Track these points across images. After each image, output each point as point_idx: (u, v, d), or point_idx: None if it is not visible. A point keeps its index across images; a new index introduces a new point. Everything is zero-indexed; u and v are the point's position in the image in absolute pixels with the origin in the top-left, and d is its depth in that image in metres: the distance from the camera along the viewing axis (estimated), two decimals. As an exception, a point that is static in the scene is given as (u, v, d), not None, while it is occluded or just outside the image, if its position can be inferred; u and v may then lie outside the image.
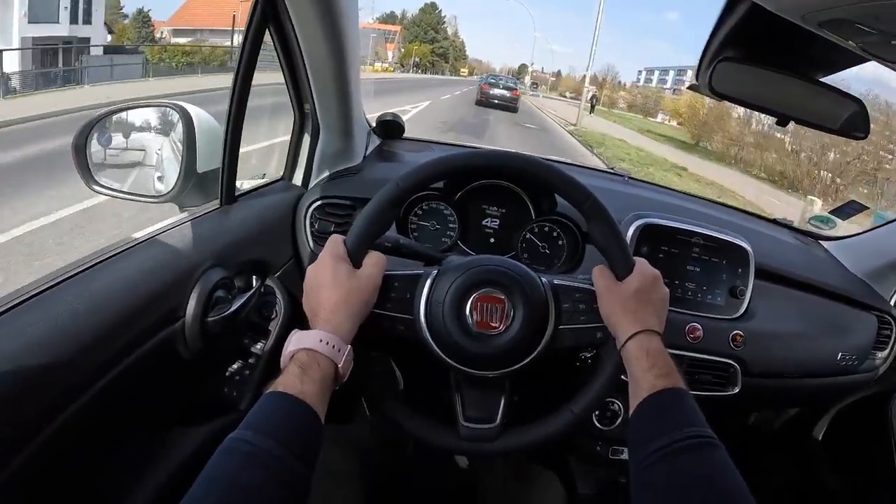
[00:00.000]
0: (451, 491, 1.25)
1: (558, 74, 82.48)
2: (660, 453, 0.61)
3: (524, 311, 0.77)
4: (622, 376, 0.76)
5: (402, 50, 63.82)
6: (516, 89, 22.52)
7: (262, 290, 1.01)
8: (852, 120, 0.96)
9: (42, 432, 0.58)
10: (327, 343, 0.66)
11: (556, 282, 0.81)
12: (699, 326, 1.10)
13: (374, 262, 0.76)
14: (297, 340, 0.67)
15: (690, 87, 1.11)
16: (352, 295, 0.72)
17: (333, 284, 0.72)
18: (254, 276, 1.00)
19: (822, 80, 0.97)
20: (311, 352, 0.66)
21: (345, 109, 1.11)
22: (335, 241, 0.77)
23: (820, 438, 1.45)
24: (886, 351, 1.31)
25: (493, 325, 0.76)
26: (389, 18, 68.76)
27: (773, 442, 1.56)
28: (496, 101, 20.91)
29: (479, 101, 21.08)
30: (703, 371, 1.11)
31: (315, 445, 0.61)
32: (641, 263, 0.80)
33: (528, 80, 63.07)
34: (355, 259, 0.75)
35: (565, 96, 56.20)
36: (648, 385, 0.69)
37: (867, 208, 1.61)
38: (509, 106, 21.05)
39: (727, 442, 0.63)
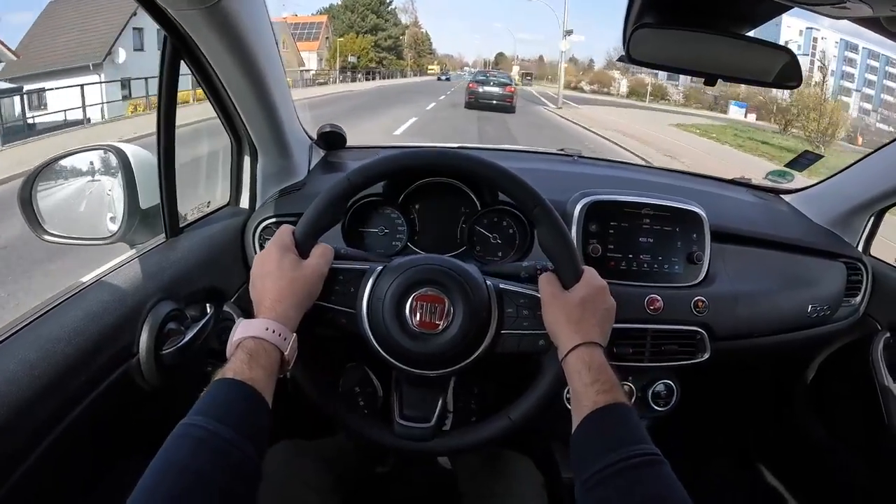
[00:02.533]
0: (434, 492, 1.26)
1: (540, 59, 75.74)
2: (604, 473, 0.61)
3: (464, 311, 0.77)
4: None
5: (330, 48, 44.27)
6: (511, 84, 19.89)
7: (220, 316, 1.03)
8: (785, 70, 0.95)
9: (8, 479, 0.61)
10: (273, 331, 0.68)
11: (501, 286, 0.81)
12: (658, 297, 1.09)
13: (321, 253, 0.78)
14: (243, 329, 0.69)
15: (619, 60, 1.10)
16: (296, 284, 0.74)
17: (278, 273, 0.73)
18: (207, 304, 1.00)
19: (749, 34, 0.96)
20: (258, 339, 0.67)
21: (276, 128, 1.11)
22: (283, 231, 0.78)
23: (806, 391, 1.44)
24: (859, 296, 1.29)
25: (434, 324, 0.77)
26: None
27: (760, 399, 1.55)
28: (490, 102, 18.26)
29: (468, 102, 18.44)
30: (669, 341, 1.11)
31: (264, 430, 0.62)
32: (590, 273, 0.79)
33: (515, 70, 58.81)
34: (302, 249, 0.77)
35: (583, 89, 50.25)
36: (590, 401, 0.68)
37: (822, 157, 1.58)
38: (504, 106, 18.39)
39: (716, 402, 0.62)
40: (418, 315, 0.77)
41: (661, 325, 1.10)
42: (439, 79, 44.19)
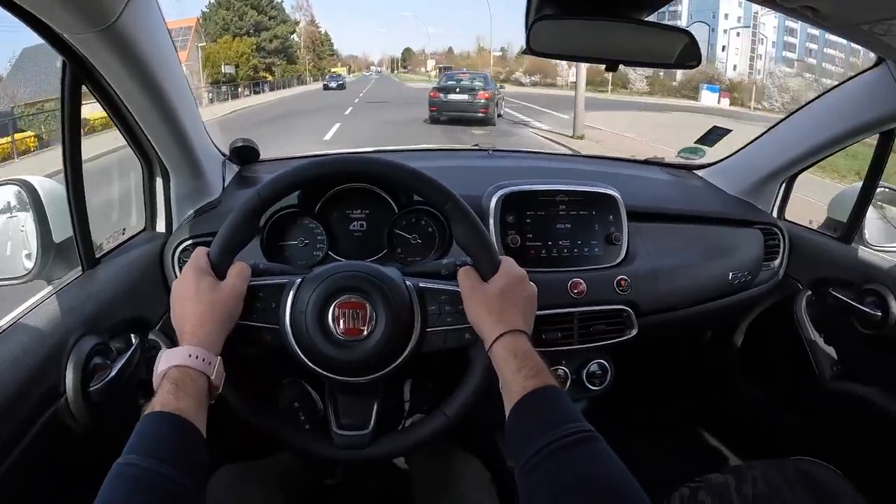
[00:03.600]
0: (386, 496, 1.27)
1: (449, 52, 66.00)
2: (539, 456, 0.61)
3: (387, 315, 0.78)
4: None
5: (201, 56, 32.92)
6: (484, 88, 14.47)
7: (146, 345, 1.01)
8: (685, 52, 0.98)
9: None
10: (197, 357, 0.67)
11: (421, 284, 0.82)
12: (581, 280, 1.12)
13: (238, 272, 0.77)
14: (166, 358, 0.68)
15: (523, 53, 1.12)
16: (216, 307, 0.73)
17: (197, 298, 0.73)
18: (132, 335, 0.99)
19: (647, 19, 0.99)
20: (182, 368, 0.66)
21: (185, 147, 1.10)
22: (198, 254, 0.78)
23: (737, 355, 1.50)
24: (778, 259, 1.35)
25: (358, 331, 0.77)
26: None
27: (695, 367, 1.61)
28: (458, 115, 13.60)
29: (431, 117, 14.14)
30: (596, 322, 1.14)
31: (200, 460, 0.62)
32: (507, 263, 0.80)
33: (430, 65, 54.87)
34: (219, 271, 0.77)
35: (520, 82, 43.28)
36: (519, 388, 0.68)
37: (730, 131, 1.64)
38: (478, 118, 13.81)
39: (652, 374, 0.63)
40: (341, 323, 0.77)
41: (586, 307, 1.13)
42: (327, 87, 30.83)
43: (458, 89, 14.44)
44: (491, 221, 1.12)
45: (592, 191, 1.17)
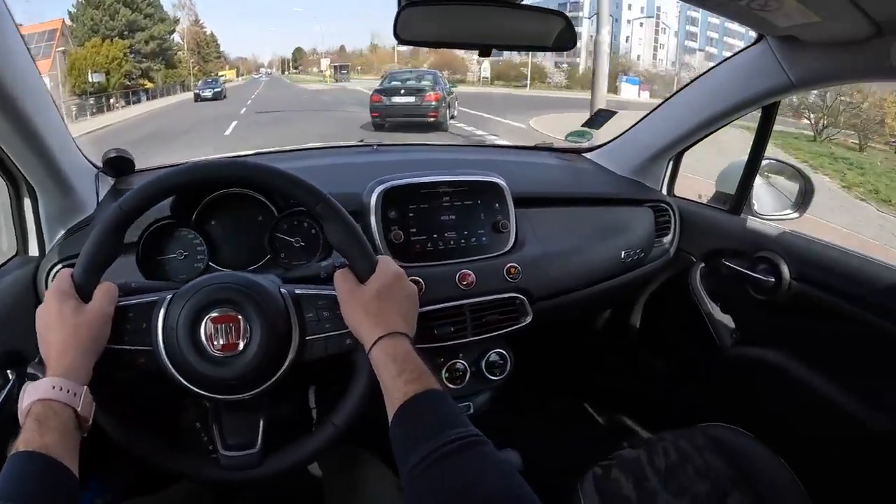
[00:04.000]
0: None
1: (342, 50, 61.56)
2: (424, 463, 0.58)
3: (262, 326, 0.74)
4: None
5: (66, 63, 27.55)
6: (432, 90, 12.67)
7: (26, 379, 0.94)
8: (561, 35, 0.98)
9: None
10: (60, 388, 0.63)
11: (297, 291, 0.79)
12: (470, 272, 1.11)
13: (104, 293, 0.72)
14: (29, 393, 0.63)
15: (400, 43, 1.11)
16: (80, 332, 0.68)
17: (59, 324, 0.68)
18: (8, 371, 0.92)
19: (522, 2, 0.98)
20: (46, 401, 0.62)
21: (50, 161, 1.02)
22: (61, 277, 0.73)
23: (637, 331, 1.53)
24: (670, 235, 1.39)
25: (233, 345, 0.73)
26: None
27: (601, 347, 1.63)
28: (404, 119, 12.13)
29: (375, 123, 12.65)
30: (489, 312, 1.13)
31: (70, 497, 0.58)
32: (384, 262, 0.78)
33: (325, 64, 49.63)
34: (83, 293, 0.71)
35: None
36: (400, 393, 0.66)
37: (615, 113, 1.69)
38: (426, 122, 12.09)
39: (555, 356, 0.61)
40: (215, 338, 0.73)
41: (477, 297, 1.12)
42: (199, 97, 23.40)
43: (402, 91, 12.74)
44: (372, 218, 1.09)
45: (476, 180, 1.16)
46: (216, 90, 23.78)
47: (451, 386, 1.16)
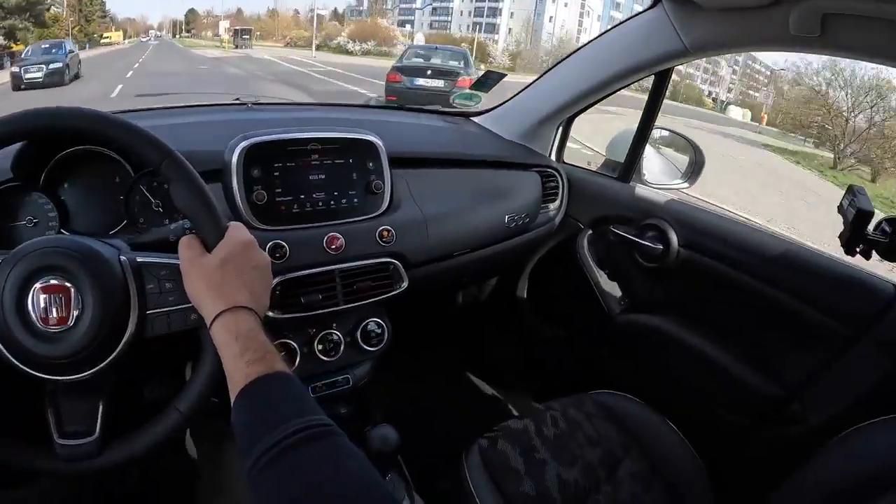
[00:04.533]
0: (173, 491, 1.15)
1: (239, 13, 55.29)
2: (265, 458, 0.52)
3: (95, 298, 0.65)
4: None
5: None
6: (464, 73, 9.98)
7: None
8: None
9: None
10: None
11: (139, 259, 0.70)
12: (339, 235, 1.04)
13: None
14: None
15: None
16: None
17: None
18: None
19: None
20: None
21: None
22: None
23: (525, 297, 1.52)
24: (557, 201, 1.37)
25: (63, 318, 0.64)
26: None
27: (487, 314, 1.62)
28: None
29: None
30: (360, 278, 1.06)
31: None
32: (234, 229, 0.70)
33: (223, 27, 45.10)
34: None
35: (347, 49, 37.09)
36: (242, 375, 0.59)
37: (505, 75, 1.69)
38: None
39: (439, 325, 0.54)
40: (44, 310, 0.64)
41: (346, 263, 1.05)
42: (22, 81, 12.13)
43: (429, 72, 9.99)
44: (234, 177, 1.00)
45: (348, 136, 1.08)
46: (54, 66, 12.87)
47: (325, 358, 1.09)
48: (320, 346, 1.09)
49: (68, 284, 0.65)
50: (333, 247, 1.03)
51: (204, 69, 18.47)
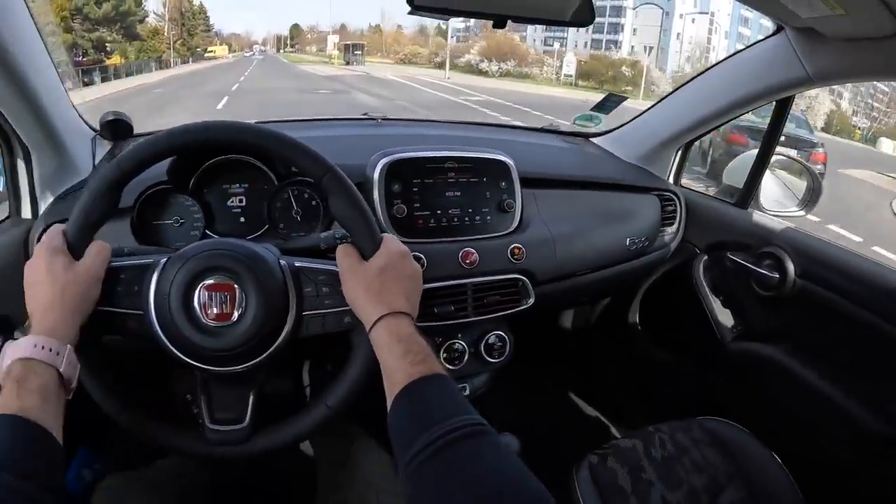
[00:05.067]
0: (292, 487, 1.22)
1: (342, 28, 55.64)
2: (425, 452, 0.55)
3: (257, 297, 0.71)
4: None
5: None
6: (820, 146, 8.86)
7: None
8: (580, 10, 0.95)
9: None
10: (42, 347, 0.60)
11: (297, 264, 0.76)
12: (473, 250, 1.09)
13: (97, 251, 0.69)
14: (10, 352, 0.60)
15: (410, 13, 1.08)
16: (68, 290, 0.65)
17: (48, 279, 0.65)
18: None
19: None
20: (26, 360, 0.59)
21: (45, 121, 1.00)
22: (52, 232, 0.70)
23: (637, 320, 1.51)
24: (675, 225, 1.37)
25: (227, 315, 0.71)
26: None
27: (598, 334, 1.62)
28: None
29: None
30: (491, 292, 1.11)
31: (48, 463, 0.54)
32: (389, 240, 0.75)
33: (331, 42, 42.74)
34: (75, 249, 0.69)
35: (480, 69, 31.60)
36: (405, 374, 0.63)
37: (626, 98, 1.68)
38: None
39: (552, 342, 0.59)
40: (209, 307, 0.71)
41: (479, 277, 1.09)
42: None
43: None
44: (375, 191, 1.07)
45: (483, 157, 1.14)
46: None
47: (449, 366, 1.14)
48: (445, 355, 1.14)
49: (233, 284, 0.72)
50: (468, 261, 1.08)
51: (323, 95, 15.19)
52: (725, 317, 1.38)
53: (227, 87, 15.52)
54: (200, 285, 0.71)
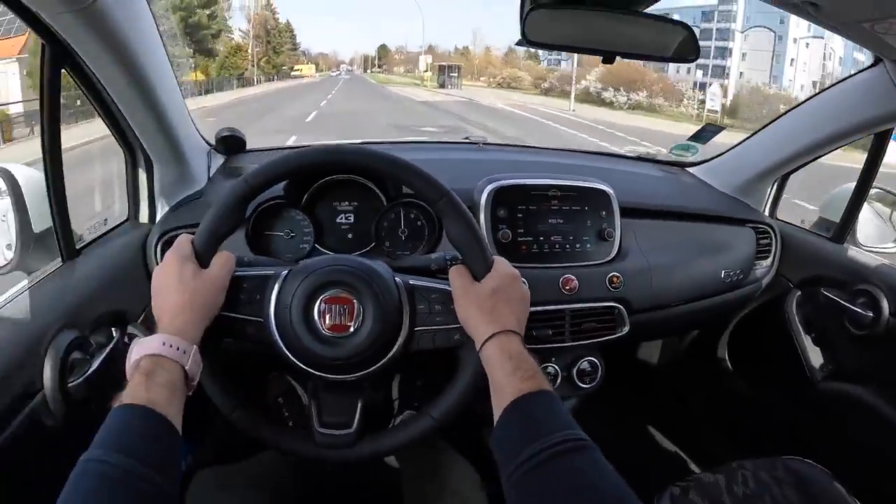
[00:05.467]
0: (378, 495, 1.25)
1: (430, 49, 50.92)
2: (530, 463, 0.58)
3: (375, 311, 0.76)
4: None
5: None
6: None
7: (126, 340, 0.98)
8: (683, 45, 0.97)
9: None
10: (170, 346, 0.65)
11: (411, 282, 0.80)
12: (573, 277, 1.11)
13: (223, 262, 0.75)
14: (139, 348, 0.65)
15: (518, 44, 1.10)
16: (196, 295, 0.71)
17: (178, 285, 0.71)
18: (113, 329, 0.96)
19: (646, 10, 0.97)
20: (155, 357, 0.64)
21: (169, 136, 1.07)
22: (182, 241, 0.75)
23: (727, 354, 1.49)
24: (770, 258, 1.35)
25: (344, 326, 0.75)
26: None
27: (685, 366, 1.60)
28: None
29: None
30: (588, 319, 1.13)
31: (172, 455, 0.59)
32: (500, 263, 0.78)
33: (423, 63, 39.14)
34: (203, 258, 0.74)
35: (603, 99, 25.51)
36: (514, 389, 0.65)
37: (723, 129, 1.65)
38: None
39: (643, 370, 0.61)
40: (327, 318, 0.75)
41: (578, 303, 1.12)
42: None
43: None
44: (482, 215, 1.10)
45: (585, 186, 1.16)
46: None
47: None
48: None
49: (352, 298, 0.76)
50: (567, 287, 1.10)
51: (433, 135, 11.75)
52: (816, 354, 1.35)
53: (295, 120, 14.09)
54: (321, 297, 0.76)
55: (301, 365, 0.77)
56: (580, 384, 1.17)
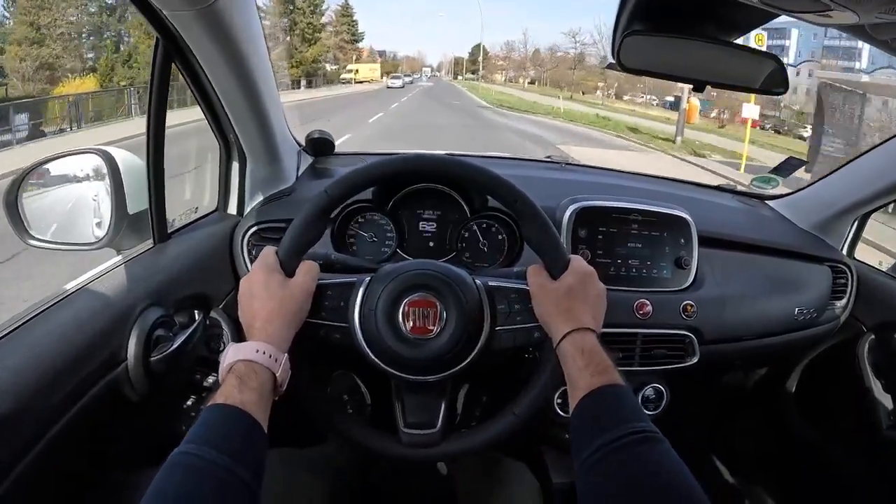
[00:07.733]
0: (431, 496, 1.26)
1: (536, 54, 42.66)
2: (602, 452, 0.61)
3: (457, 313, 0.77)
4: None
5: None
6: None
7: (208, 322, 1.02)
8: (772, 77, 0.96)
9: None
10: (263, 353, 0.68)
11: (490, 283, 0.82)
12: (648, 302, 1.10)
13: (307, 270, 0.78)
14: (233, 352, 0.68)
15: (609, 67, 1.11)
16: (284, 304, 0.74)
17: (266, 295, 0.74)
18: (196, 311, 1.00)
19: (736, 41, 0.98)
20: (248, 362, 0.67)
21: (266, 134, 1.11)
22: (267, 253, 0.78)
23: (792, 394, 1.45)
24: (845, 299, 1.31)
25: (428, 329, 0.77)
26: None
27: (747, 403, 1.57)
28: None
29: None
30: (658, 345, 1.12)
31: (260, 455, 0.62)
32: (576, 261, 0.80)
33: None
34: (287, 269, 0.77)
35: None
36: (585, 384, 0.68)
37: (806, 163, 1.61)
38: None
39: (704, 405, 0.61)
40: (411, 321, 0.77)
41: (650, 329, 1.11)
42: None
43: None
44: (563, 234, 1.11)
45: (666, 212, 1.15)
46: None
47: None
48: None
49: (436, 301, 0.77)
50: (641, 312, 1.10)
51: None
52: (885, 402, 1.31)
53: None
54: (405, 301, 0.77)
55: (387, 367, 0.79)
56: (644, 411, 1.16)
